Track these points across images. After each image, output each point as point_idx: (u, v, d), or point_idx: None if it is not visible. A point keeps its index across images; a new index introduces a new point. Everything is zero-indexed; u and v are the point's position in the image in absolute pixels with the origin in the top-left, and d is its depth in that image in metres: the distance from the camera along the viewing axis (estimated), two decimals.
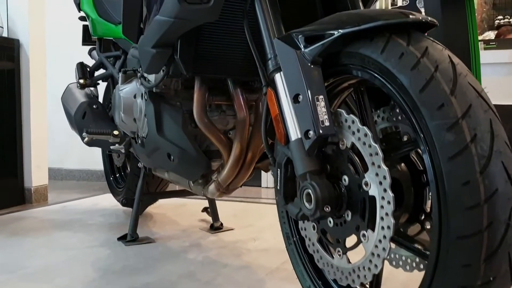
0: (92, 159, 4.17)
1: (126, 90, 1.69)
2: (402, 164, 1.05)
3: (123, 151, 1.88)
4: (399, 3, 4.15)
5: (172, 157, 1.51)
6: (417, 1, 4.15)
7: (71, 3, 3.98)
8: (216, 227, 2.18)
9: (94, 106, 2.14)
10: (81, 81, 2.18)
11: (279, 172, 1.15)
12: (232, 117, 1.57)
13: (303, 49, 1.04)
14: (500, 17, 5.38)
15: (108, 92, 2.48)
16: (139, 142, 1.63)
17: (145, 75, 1.58)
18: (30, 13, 3.13)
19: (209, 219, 2.27)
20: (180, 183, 1.73)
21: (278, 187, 1.15)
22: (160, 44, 1.33)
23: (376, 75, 0.94)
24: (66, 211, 2.66)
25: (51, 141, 3.45)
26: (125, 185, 2.42)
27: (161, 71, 1.43)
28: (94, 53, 2.30)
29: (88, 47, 2.54)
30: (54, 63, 3.82)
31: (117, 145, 1.86)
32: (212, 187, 1.52)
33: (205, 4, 1.18)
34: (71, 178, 4.32)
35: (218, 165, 1.54)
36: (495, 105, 0.86)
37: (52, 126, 3.44)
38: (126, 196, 2.38)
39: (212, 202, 2.19)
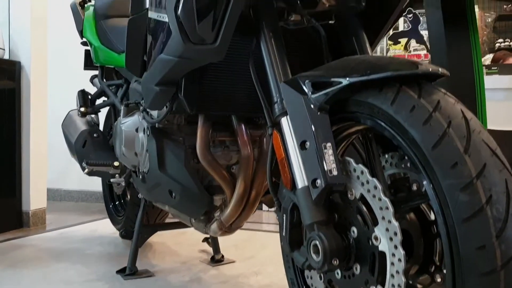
0: (91, 180, 4.09)
1: (128, 123, 1.67)
2: (412, 214, 1.02)
3: (123, 183, 1.86)
4: (401, 28, 4.15)
5: (173, 194, 1.49)
6: (419, 26, 4.15)
7: (73, 26, 4.00)
8: (217, 259, 2.15)
9: (94, 135, 2.11)
10: (82, 109, 2.16)
11: (284, 218, 1.12)
12: (236, 152, 1.54)
13: (310, 95, 1.02)
14: (501, 40, 5.39)
15: (109, 119, 2.46)
16: (140, 176, 1.61)
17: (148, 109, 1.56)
18: (32, 35, 3.12)
19: (210, 250, 2.23)
20: (181, 218, 1.70)
21: (284, 234, 1.12)
22: (164, 82, 1.31)
23: (386, 126, 0.91)
24: (64, 239, 2.62)
25: (51, 161, 3.42)
26: (125, 213, 2.39)
27: (165, 107, 1.41)
28: (96, 80, 2.28)
29: (89, 72, 2.52)
30: (55, 83, 3.80)
31: (117, 176, 1.83)
32: (214, 226, 1.49)
33: (210, 45, 1.16)
34: (69, 199, 4.28)
35: (221, 201, 1.51)
36: (494, 131, 0.84)
37: (52, 146, 3.40)
38: (125, 227, 2.35)
39: None
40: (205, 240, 2.28)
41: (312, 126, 1.00)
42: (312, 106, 1.01)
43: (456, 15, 1.89)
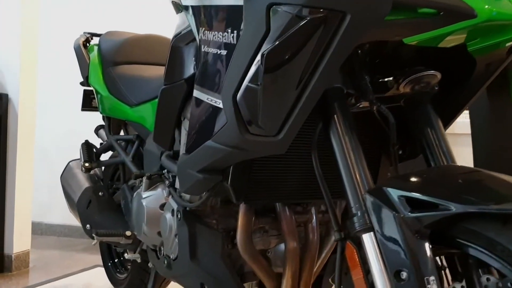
0: None
1: (151, 199, 1.48)
2: None
3: (139, 260, 1.66)
4: None
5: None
6: None
7: (65, 56, 3.80)
8: None
9: (100, 193, 1.92)
10: (87, 164, 1.96)
11: None
12: (275, 237, 1.38)
13: (405, 214, 0.86)
14: None
15: (108, 169, 2.25)
16: (165, 262, 1.42)
17: (178, 186, 1.39)
18: (21, 67, 2.92)
19: None
20: None
21: None
22: (209, 170, 1.14)
23: None
24: None
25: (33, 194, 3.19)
26: (128, 277, 2.17)
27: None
28: (102, 132, 2.08)
29: (86, 112, 2.33)
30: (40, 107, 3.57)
31: (132, 253, 1.64)
32: None
33: (273, 137, 1.00)
34: (51, 233, 4.02)
35: None
36: None
37: (35, 178, 3.17)
38: None
39: None
40: None
41: (410, 254, 0.84)
42: (409, 228, 0.85)
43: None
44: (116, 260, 2.38)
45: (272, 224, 1.36)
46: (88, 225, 1.85)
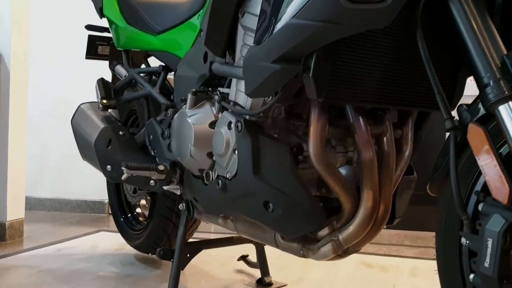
0: (65, 187, 3.69)
1: (197, 116, 1.31)
2: None
3: (178, 192, 1.49)
4: None
5: (271, 206, 1.14)
6: None
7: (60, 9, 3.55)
8: (266, 283, 1.80)
9: (120, 133, 1.73)
10: (105, 101, 1.77)
11: (490, 243, 0.82)
12: (342, 154, 1.22)
13: None
14: None
15: (124, 111, 2.06)
16: (218, 184, 1.24)
17: (233, 99, 1.22)
18: (13, 22, 2.69)
19: (247, 270, 1.92)
20: (256, 236, 1.35)
21: (487, 263, 0.82)
22: (287, 58, 0.98)
23: None
24: (64, 258, 2.20)
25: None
26: (147, 228, 1.99)
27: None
28: (119, 68, 1.89)
29: (90, 61, 2.15)
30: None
31: (171, 185, 1.46)
32: (327, 248, 1.14)
33: (377, 3, 0.85)
34: (41, 208, 3.80)
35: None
36: None
37: None
38: (147, 244, 1.98)
39: (261, 250, 1.81)
40: (242, 258, 1.95)
41: None
42: None
43: None
44: (129, 215, 2.20)
45: (340, 140, 1.21)
46: (109, 166, 1.67)
